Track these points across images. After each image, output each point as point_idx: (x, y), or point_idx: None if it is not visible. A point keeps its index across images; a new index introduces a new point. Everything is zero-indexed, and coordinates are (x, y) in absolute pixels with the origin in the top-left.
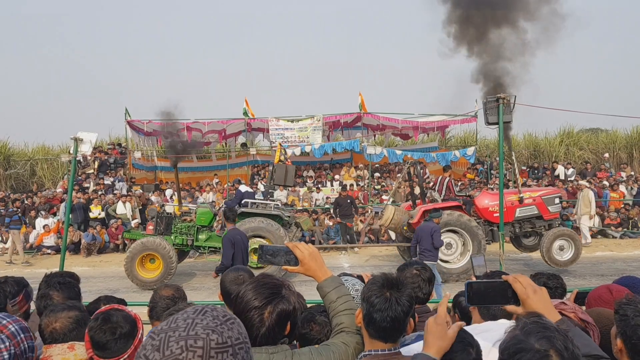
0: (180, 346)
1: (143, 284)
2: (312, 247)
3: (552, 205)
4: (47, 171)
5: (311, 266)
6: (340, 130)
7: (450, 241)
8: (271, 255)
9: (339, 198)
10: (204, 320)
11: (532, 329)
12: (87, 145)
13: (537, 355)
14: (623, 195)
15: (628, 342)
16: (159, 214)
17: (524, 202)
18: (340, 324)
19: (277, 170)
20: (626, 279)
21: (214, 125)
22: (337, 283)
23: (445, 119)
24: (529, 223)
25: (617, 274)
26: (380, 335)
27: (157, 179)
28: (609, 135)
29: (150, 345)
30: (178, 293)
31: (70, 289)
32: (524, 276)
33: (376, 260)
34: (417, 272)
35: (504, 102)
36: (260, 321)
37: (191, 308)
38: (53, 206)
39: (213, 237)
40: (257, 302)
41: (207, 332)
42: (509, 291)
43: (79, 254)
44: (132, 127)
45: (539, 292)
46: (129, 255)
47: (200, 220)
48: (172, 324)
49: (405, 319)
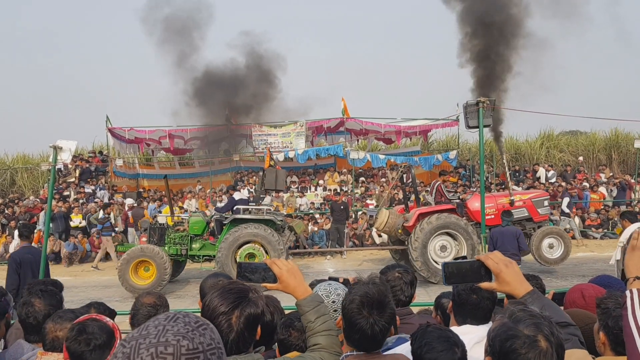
0: (150, 353)
1: (133, 290)
2: (291, 263)
3: (541, 208)
4: (28, 180)
5: (290, 283)
6: (324, 135)
7: (445, 244)
8: (250, 273)
9: (334, 203)
10: (175, 327)
11: (520, 316)
12: (66, 153)
13: (527, 340)
14: (603, 197)
15: (610, 332)
16: (151, 225)
17: (515, 205)
18: (317, 344)
19: (267, 175)
20: (602, 278)
21: (197, 132)
22: (316, 302)
23: (427, 123)
24: (519, 225)
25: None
26: (358, 348)
27: (140, 186)
28: (588, 138)
29: (121, 354)
30: (160, 301)
31: (52, 297)
32: (495, 252)
33: (366, 264)
34: (399, 275)
35: (484, 106)
36: (229, 326)
37: (163, 314)
38: (33, 215)
39: (207, 246)
40: (223, 307)
41: (177, 339)
42: (482, 269)
43: (60, 263)
44: (113, 135)
45: (511, 266)
46: (125, 258)
47: (194, 229)
48: (143, 331)
49: (385, 335)
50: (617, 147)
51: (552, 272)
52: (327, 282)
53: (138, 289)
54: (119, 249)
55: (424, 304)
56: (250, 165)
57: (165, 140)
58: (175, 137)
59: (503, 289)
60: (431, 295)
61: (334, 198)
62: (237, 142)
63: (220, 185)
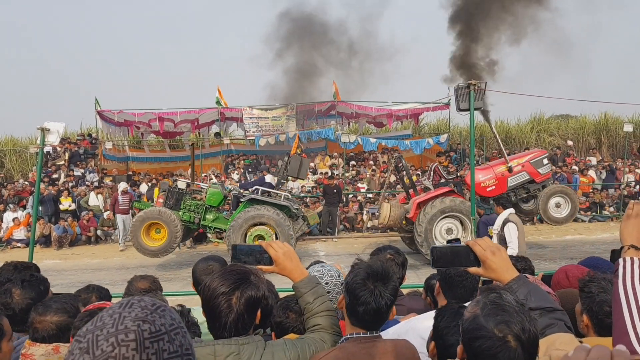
0: (110, 343)
1: (143, 250)
2: (287, 245)
3: (541, 167)
4: (16, 163)
5: (286, 266)
6: (315, 118)
7: (450, 226)
8: (245, 255)
9: (326, 186)
10: (132, 313)
11: (491, 311)
12: (54, 135)
13: (496, 342)
14: (593, 180)
15: (594, 317)
16: (170, 188)
17: (514, 171)
18: (317, 325)
19: (292, 161)
20: (591, 259)
21: (187, 115)
22: (313, 283)
23: (418, 107)
24: (523, 189)
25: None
26: (361, 325)
27: (129, 169)
28: (578, 122)
29: (78, 350)
30: (154, 285)
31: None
32: (483, 239)
33: (357, 247)
34: (390, 257)
35: (475, 89)
36: (229, 307)
37: (116, 303)
38: (22, 199)
39: (220, 219)
40: (224, 287)
41: (137, 324)
42: (470, 255)
43: (50, 246)
44: (102, 118)
45: (498, 253)
46: (141, 216)
47: (210, 200)
48: (97, 323)
49: (388, 310)
50: (606, 131)
51: (540, 255)
52: (320, 264)
53: (147, 249)
54: (135, 205)
55: (413, 286)
56: (240, 148)
57: (155, 123)
58: (165, 120)
59: (489, 275)
60: (421, 277)
61: (326, 182)
62: (228, 125)
63: (211, 168)
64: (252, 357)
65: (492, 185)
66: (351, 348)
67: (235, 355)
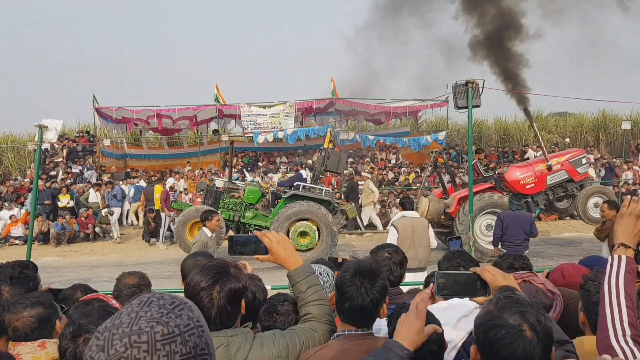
0: (124, 343)
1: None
2: (282, 235)
3: (580, 167)
4: (14, 160)
5: (280, 254)
6: (313, 116)
7: (490, 222)
8: (241, 246)
9: (352, 182)
10: (148, 312)
11: (505, 304)
12: (52, 132)
13: (511, 330)
14: (591, 178)
15: (589, 317)
16: (208, 187)
17: (553, 169)
18: (308, 314)
19: (331, 156)
20: (590, 258)
21: (185, 111)
22: (307, 272)
23: (416, 104)
24: (561, 188)
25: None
26: (350, 321)
27: (127, 166)
28: (577, 119)
29: (96, 346)
30: (143, 280)
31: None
32: (490, 266)
33: (355, 244)
34: (388, 255)
35: (473, 87)
36: (210, 301)
37: (137, 300)
38: (21, 196)
39: (259, 216)
40: (203, 283)
41: (151, 325)
42: (477, 282)
43: (48, 244)
44: (100, 115)
45: (508, 279)
46: (182, 220)
47: (249, 197)
48: (116, 321)
49: (375, 308)
50: (604, 129)
51: (538, 252)
52: (312, 263)
53: None
54: (173, 205)
55: (413, 284)
56: (239, 145)
57: (153, 120)
58: (163, 117)
59: None
60: None
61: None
62: (226, 122)
63: (209, 165)
64: (242, 348)
65: (532, 183)
66: (342, 345)
67: (225, 347)
